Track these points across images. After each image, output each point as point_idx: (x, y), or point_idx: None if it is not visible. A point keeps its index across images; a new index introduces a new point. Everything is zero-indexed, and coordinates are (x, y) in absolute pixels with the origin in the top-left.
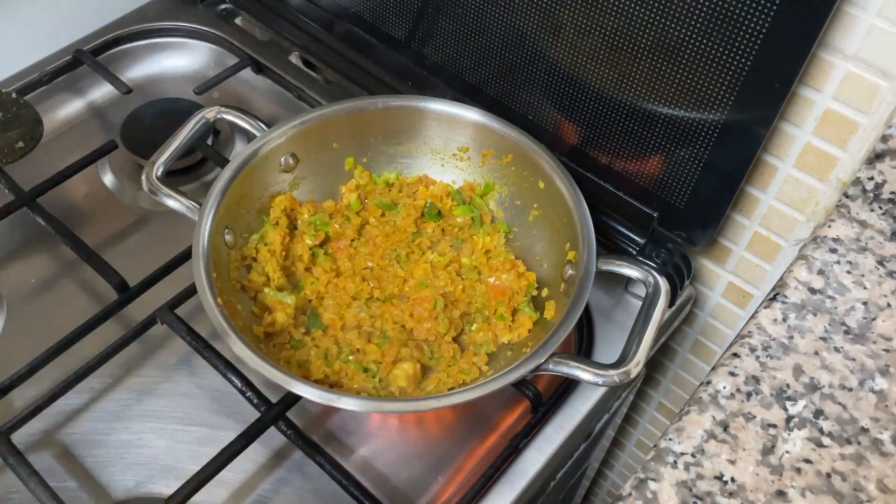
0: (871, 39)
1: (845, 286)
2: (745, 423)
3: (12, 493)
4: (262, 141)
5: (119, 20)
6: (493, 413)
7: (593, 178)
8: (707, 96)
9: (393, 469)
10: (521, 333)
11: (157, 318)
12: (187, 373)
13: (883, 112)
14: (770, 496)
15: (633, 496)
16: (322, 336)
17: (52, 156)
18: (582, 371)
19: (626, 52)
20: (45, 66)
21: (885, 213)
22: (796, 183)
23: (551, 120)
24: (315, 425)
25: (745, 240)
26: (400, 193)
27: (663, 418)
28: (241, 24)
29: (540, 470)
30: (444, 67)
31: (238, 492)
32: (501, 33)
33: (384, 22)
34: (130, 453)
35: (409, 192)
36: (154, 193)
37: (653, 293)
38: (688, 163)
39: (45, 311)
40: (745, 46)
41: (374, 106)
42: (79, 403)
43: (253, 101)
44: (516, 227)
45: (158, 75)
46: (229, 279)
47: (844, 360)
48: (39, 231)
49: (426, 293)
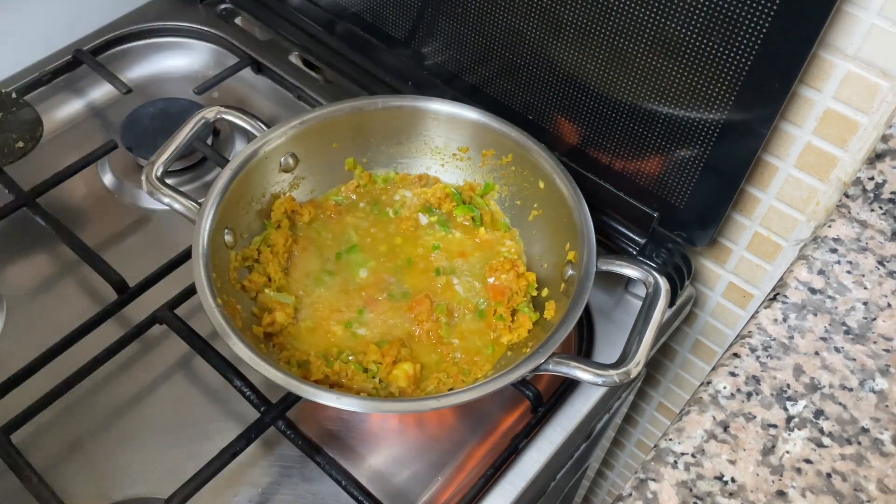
0: (871, 39)
1: (845, 286)
2: (746, 424)
3: (12, 493)
4: (261, 141)
5: (119, 20)
6: (493, 413)
7: (593, 177)
8: (707, 96)
9: (393, 469)
10: (520, 333)
11: (157, 318)
12: (187, 373)
13: (883, 112)
14: (770, 496)
15: (634, 496)
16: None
17: (52, 156)
18: (582, 371)
19: (626, 51)
20: (45, 66)
21: (885, 213)
22: (796, 183)
23: (551, 120)
24: (315, 425)
25: (746, 240)
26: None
27: (663, 418)
28: (241, 24)
29: (540, 470)
30: (444, 67)
31: (238, 492)
32: (501, 33)
33: (384, 22)
34: (130, 453)
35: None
36: (154, 193)
37: (653, 293)
38: (688, 163)
39: (45, 311)
40: (745, 46)
41: (374, 106)
42: (79, 403)
43: (253, 101)
44: (516, 227)
45: (158, 75)
46: (229, 279)
47: (845, 361)
48: (39, 231)
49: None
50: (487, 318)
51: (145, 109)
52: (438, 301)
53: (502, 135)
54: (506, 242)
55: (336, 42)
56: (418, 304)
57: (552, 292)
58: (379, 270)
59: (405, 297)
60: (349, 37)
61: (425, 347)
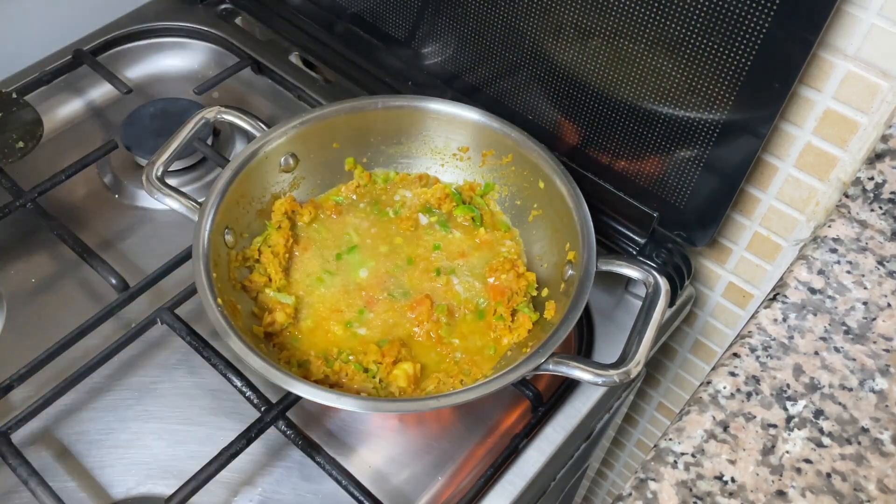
0: (871, 39)
1: (845, 286)
2: (746, 423)
3: (12, 493)
4: (262, 141)
5: (119, 20)
6: (493, 413)
7: (593, 178)
8: (707, 96)
9: (393, 469)
10: (520, 334)
11: (157, 318)
12: (187, 373)
13: (883, 112)
14: (770, 496)
15: (633, 496)
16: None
17: (52, 156)
18: (582, 371)
19: (626, 51)
20: (45, 66)
21: (885, 213)
22: (796, 183)
23: (551, 120)
24: (315, 425)
25: (746, 240)
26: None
27: (663, 418)
28: (241, 24)
29: (540, 470)
30: (443, 67)
31: (238, 492)
32: (501, 33)
33: (384, 22)
34: (130, 453)
35: (410, 187)
36: (154, 193)
37: (653, 293)
38: (688, 163)
39: (45, 311)
40: (746, 46)
41: (374, 106)
42: (79, 403)
43: (253, 101)
44: (516, 228)
45: (158, 75)
46: (229, 279)
47: (844, 360)
48: (39, 231)
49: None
50: (487, 318)
51: (145, 109)
52: (439, 301)
53: (502, 135)
54: (506, 242)
55: (336, 42)
56: (418, 304)
57: (552, 292)
58: (379, 270)
59: (405, 297)
60: (349, 37)
61: (425, 347)
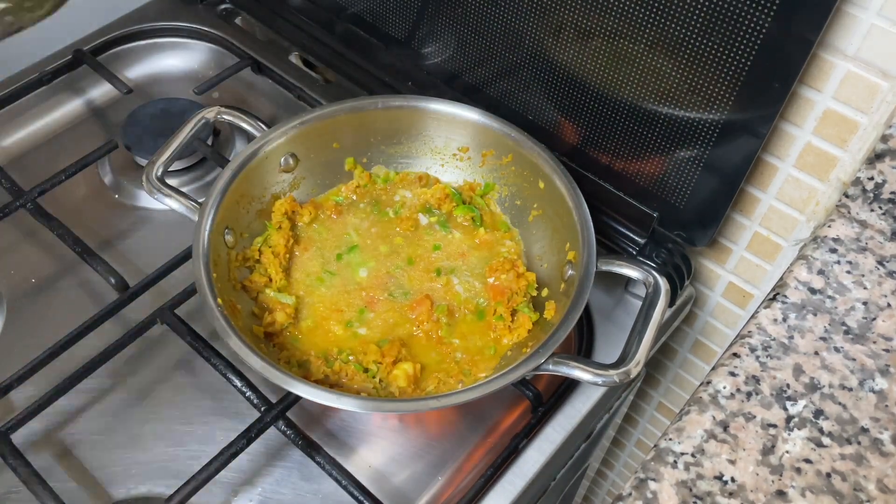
0: (871, 39)
1: (845, 286)
2: (745, 423)
3: (12, 493)
4: (262, 141)
5: (119, 20)
6: (493, 413)
7: (593, 178)
8: (707, 96)
9: (393, 469)
10: (520, 334)
11: (157, 318)
12: (187, 373)
13: (883, 112)
14: (770, 496)
15: (633, 496)
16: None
17: (52, 156)
18: (582, 371)
19: (626, 51)
20: (44, 66)
21: (885, 213)
22: (796, 183)
23: (551, 120)
24: (315, 425)
25: (745, 240)
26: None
27: (663, 418)
28: (241, 24)
29: (540, 470)
30: (443, 67)
31: (238, 492)
32: (501, 33)
33: (384, 22)
34: (130, 453)
35: (410, 187)
36: (154, 193)
37: (653, 293)
38: (688, 163)
39: (45, 311)
40: (745, 46)
41: (374, 106)
42: (79, 403)
43: (253, 101)
44: (516, 228)
45: (158, 75)
46: (229, 279)
47: (844, 360)
48: (39, 231)
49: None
50: (487, 318)
51: (145, 109)
52: (439, 301)
53: (502, 135)
54: (506, 242)
55: (336, 42)
56: (419, 305)
57: (552, 292)
58: (379, 270)
59: (405, 297)
60: (349, 37)
61: (425, 347)
